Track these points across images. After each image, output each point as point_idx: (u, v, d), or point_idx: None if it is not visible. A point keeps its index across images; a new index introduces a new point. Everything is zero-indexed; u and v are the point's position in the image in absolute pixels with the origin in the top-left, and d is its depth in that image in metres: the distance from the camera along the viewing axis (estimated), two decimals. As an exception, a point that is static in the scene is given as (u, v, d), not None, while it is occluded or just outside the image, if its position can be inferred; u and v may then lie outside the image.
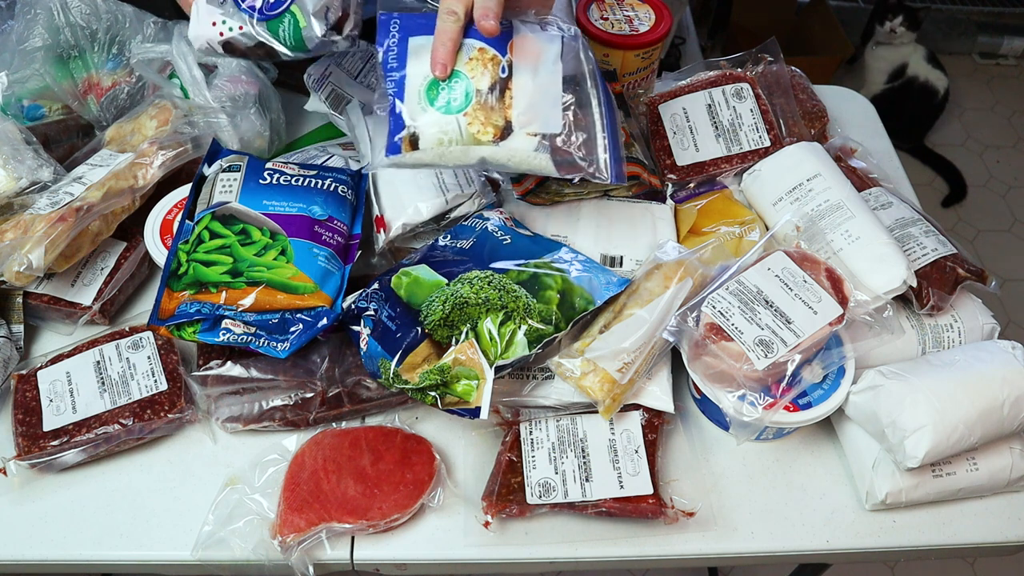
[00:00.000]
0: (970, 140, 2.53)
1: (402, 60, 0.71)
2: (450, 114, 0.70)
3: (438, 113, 0.70)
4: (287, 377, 0.76)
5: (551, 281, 0.75)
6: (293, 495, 0.71)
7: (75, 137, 0.95)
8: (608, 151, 0.72)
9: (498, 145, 0.70)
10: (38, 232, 0.77)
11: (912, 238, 0.84)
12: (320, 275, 0.77)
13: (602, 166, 0.72)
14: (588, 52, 0.74)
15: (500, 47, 0.71)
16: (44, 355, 0.80)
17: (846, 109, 1.14)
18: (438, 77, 0.70)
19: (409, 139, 0.70)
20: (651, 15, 0.95)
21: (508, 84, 0.70)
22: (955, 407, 0.69)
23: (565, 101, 0.71)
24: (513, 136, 0.70)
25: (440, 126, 0.70)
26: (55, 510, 0.73)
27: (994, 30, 2.76)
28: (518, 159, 0.71)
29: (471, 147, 0.70)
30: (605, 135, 0.72)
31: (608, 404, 0.72)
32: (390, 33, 0.72)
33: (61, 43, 0.93)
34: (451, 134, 0.70)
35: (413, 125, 0.70)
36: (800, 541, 0.74)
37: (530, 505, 0.71)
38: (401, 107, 0.70)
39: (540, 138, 0.70)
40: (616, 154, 0.73)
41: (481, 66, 0.70)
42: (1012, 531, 0.75)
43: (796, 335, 0.71)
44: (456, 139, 0.70)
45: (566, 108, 0.71)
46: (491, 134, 0.70)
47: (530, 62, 0.71)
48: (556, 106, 0.71)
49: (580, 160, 0.71)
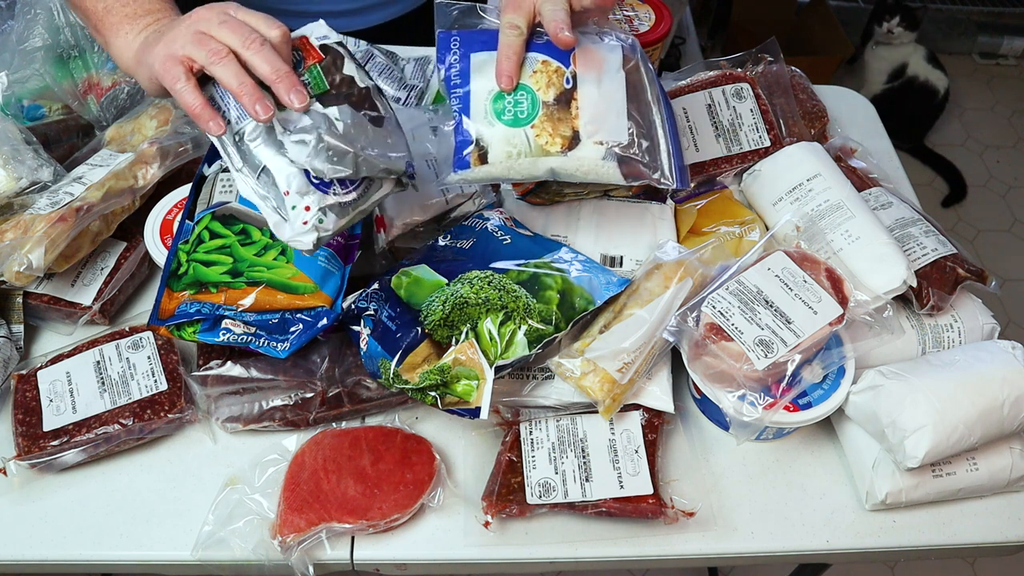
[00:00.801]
0: (970, 140, 2.53)
1: (465, 76, 0.72)
2: (518, 127, 0.70)
3: (505, 127, 0.71)
4: (287, 377, 0.76)
5: (551, 281, 0.75)
6: (293, 495, 0.71)
7: (75, 137, 0.95)
8: (672, 156, 0.73)
9: (566, 155, 0.71)
10: (38, 232, 0.77)
11: (912, 238, 0.84)
12: (320, 275, 0.77)
13: (667, 172, 0.73)
14: (647, 61, 0.75)
15: (563, 59, 0.72)
16: (44, 355, 0.80)
17: (846, 109, 1.14)
18: (504, 89, 0.70)
19: (478, 154, 0.71)
20: (651, 15, 0.95)
21: (573, 95, 0.71)
22: (955, 407, 0.69)
23: (629, 109, 0.72)
24: (581, 146, 0.71)
25: (508, 139, 0.71)
26: (55, 510, 0.73)
27: (994, 30, 2.77)
28: (586, 168, 0.72)
29: (540, 158, 0.71)
30: (668, 140, 0.74)
31: (608, 404, 0.72)
32: (451, 50, 0.73)
33: (61, 43, 0.93)
34: (519, 146, 0.71)
35: (481, 140, 0.71)
36: (800, 541, 0.74)
37: (530, 505, 0.71)
38: (468, 123, 0.71)
39: (607, 147, 0.71)
40: (679, 160, 0.75)
41: (546, 78, 0.71)
42: (1012, 531, 0.75)
43: (796, 335, 0.71)
44: (524, 151, 0.71)
45: (630, 116, 0.72)
46: (559, 144, 0.71)
47: (594, 72, 0.72)
48: (621, 115, 0.72)
49: (644, 167, 0.72)
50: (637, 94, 0.74)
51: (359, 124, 0.66)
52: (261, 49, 0.63)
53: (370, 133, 0.67)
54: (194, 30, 0.65)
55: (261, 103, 0.63)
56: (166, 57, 0.65)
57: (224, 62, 0.63)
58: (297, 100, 0.63)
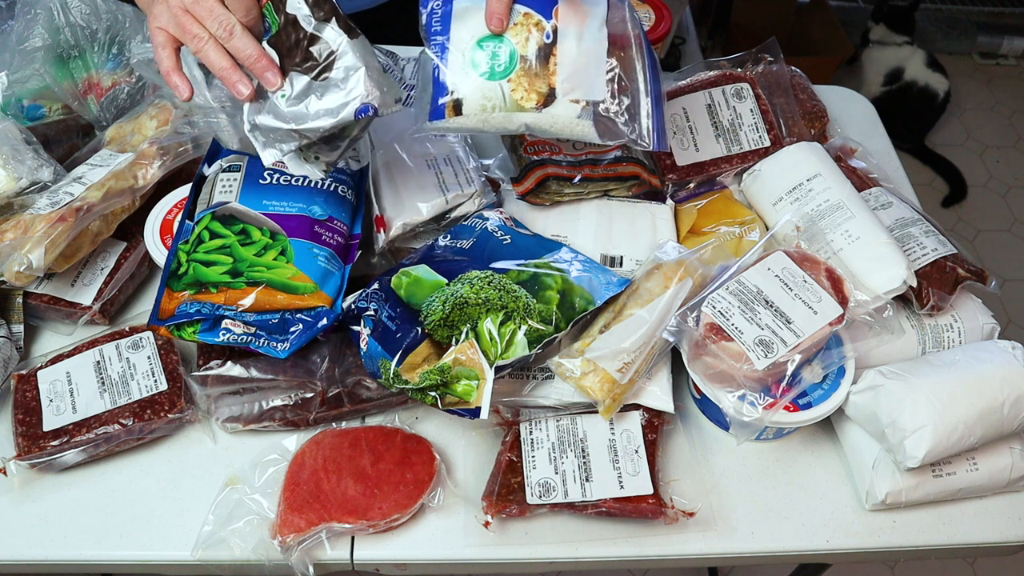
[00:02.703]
0: (970, 140, 2.53)
1: (446, 23, 0.70)
2: (494, 80, 0.69)
3: (482, 79, 0.69)
4: (287, 377, 0.76)
5: (551, 281, 0.75)
6: (293, 495, 0.71)
7: (75, 137, 0.95)
8: (652, 118, 0.72)
9: (541, 112, 0.70)
10: (38, 232, 0.77)
11: (912, 238, 0.84)
12: (320, 275, 0.77)
13: (644, 133, 0.71)
14: (634, 15, 0.73)
15: (545, 12, 0.70)
16: (44, 355, 0.80)
17: (846, 109, 1.14)
18: (494, 31, 0.69)
19: (453, 104, 0.69)
20: (651, 15, 0.95)
21: (552, 50, 0.70)
22: (955, 407, 0.69)
23: (610, 66, 0.70)
24: (556, 103, 0.70)
25: (483, 92, 0.69)
26: (55, 510, 0.73)
27: (994, 30, 2.76)
28: (560, 126, 0.71)
29: (514, 113, 0.70)
30: (649, 101, 0.72)
31: (608, 404, 0.72)
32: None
33: (61, 43, 0.93)
34: (494, 100, 0.69)
35: (457, 91, 0.69)
36: (800, 541, 0.74)
37: (530, 505, 0.71)
38: (444, 72, 0.69)
39: (583, 105, 0.70)
40: (659, 122, 0.73)
41: (526, 31, 0.69)
42: (1012, 531, 0.75)
43: (796, 335, 0.71)
44: (499, 105, 0.69)
45: (610, 73, 0.70)
46: (534, 101, 0.69)
47: (575, 27, 0.70)
48: (600, 73, 0.70)
49: (622, 126, 0.70)
50: (622, 49, 0.72)
51: (304, 91, 0.68)
52: (231, 38, 0.68)
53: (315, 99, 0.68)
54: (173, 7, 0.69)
55: (242, 82, 0.69)
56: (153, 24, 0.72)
57: (205, 48, 0.69)
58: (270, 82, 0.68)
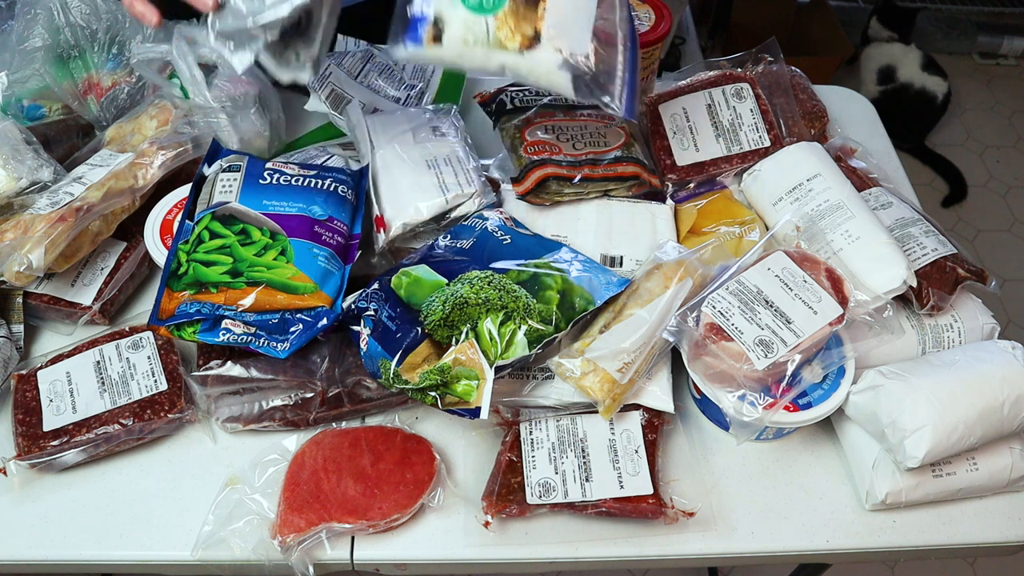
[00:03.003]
0: (970, 140, 2.53)
1: None
2: (480, 14, 0.67)
3: (467, 10, 0.67)
4: (287, 377, 0.76)
5: (551, 281, 0.75)
6: (293, 495, 0.71)
7: (75, 137, 0.95)
8: (626, 85, 0.71)
9: (522, 55, 0.68)
10: (38, 232, 0.77)
11: (912, 238, 0.84)
12: (320, 275, 0.77)
13: (617, 97, 0.70)
14: None
15: None
16: (44, 355, 0.80)
17: (846, 109, 1.14)
18: None
19: (433, 33, 0.67)
20: (651, 15, 0.95)
21: None
22: (955, 407, 0.69)
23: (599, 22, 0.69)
24: (540, 48, 0.68)
25: (467, 24, 0.67)
26: (55, 510, 0.73)
27: (994, 30, 2.76)
28: (538, 73, 0.69)
29: (494, 51, 0.68)
30: (625, 70, 0.71)
31: (608, 404, 0.72)
32: None
33: (61, 43, 0.93)
34: (477, 34, 0.67)
35: (440, 18, 0.67)
36: (800, 541, 0.74)
37: (530, 505, 0.71)
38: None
39: (564, 56, 0.68)
40: (632, 91, 0.72)
41: None
42: (1012, 531, 0.75)
43: (796, 335, 0.71)
44: (481, 40, 0.67)
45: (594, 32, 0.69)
46: (518, 42, 0.67)
47: None
48: (587, 27, 0.69)
49: (597, 88, 0.69)
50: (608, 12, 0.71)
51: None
52: None
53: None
54: None
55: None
56: None
57: None
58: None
